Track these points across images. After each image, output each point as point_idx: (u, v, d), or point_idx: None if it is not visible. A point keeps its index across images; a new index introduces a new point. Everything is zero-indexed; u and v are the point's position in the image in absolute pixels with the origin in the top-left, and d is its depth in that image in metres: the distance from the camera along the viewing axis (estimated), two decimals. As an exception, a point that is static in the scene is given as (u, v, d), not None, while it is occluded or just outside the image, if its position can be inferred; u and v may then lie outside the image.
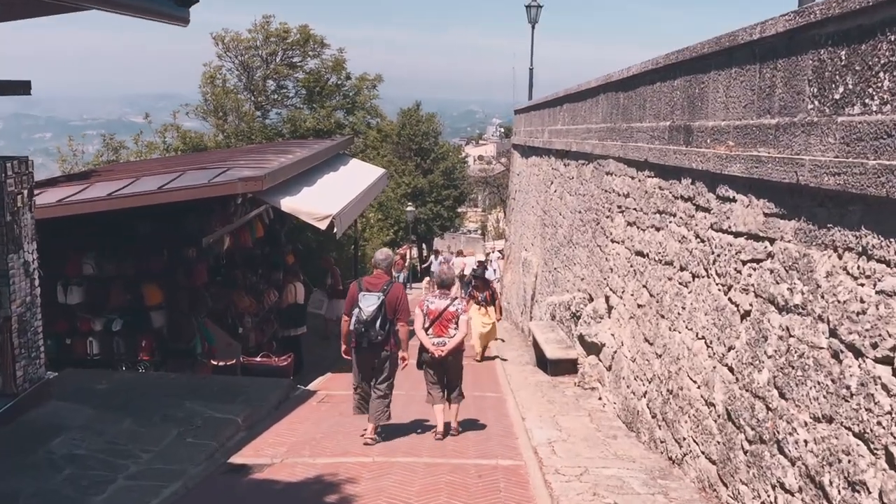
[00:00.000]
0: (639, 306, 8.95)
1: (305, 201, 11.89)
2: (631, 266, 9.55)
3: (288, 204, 11.39)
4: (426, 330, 8.43)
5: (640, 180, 9.61)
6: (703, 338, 6.85)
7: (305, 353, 14.73)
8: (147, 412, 8.30)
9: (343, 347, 8.35)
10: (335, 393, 10.94)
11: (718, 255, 6.71)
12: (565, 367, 12.61)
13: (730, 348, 6.24)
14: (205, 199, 12.21)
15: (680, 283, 7.66)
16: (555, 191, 16.66)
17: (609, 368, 9.82)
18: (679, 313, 7.53)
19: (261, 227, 15.34)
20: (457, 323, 8.44)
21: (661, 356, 7.88)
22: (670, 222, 8.18)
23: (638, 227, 9.43)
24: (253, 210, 14.47)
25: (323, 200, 12.33)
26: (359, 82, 22.64)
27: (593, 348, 10.98)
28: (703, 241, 7.17)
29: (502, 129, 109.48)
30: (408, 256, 38.09)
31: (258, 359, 11.08)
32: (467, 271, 34.19)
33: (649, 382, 8.15)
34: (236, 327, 13.45)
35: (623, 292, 9.77)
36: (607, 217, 11.19)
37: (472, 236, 75.46)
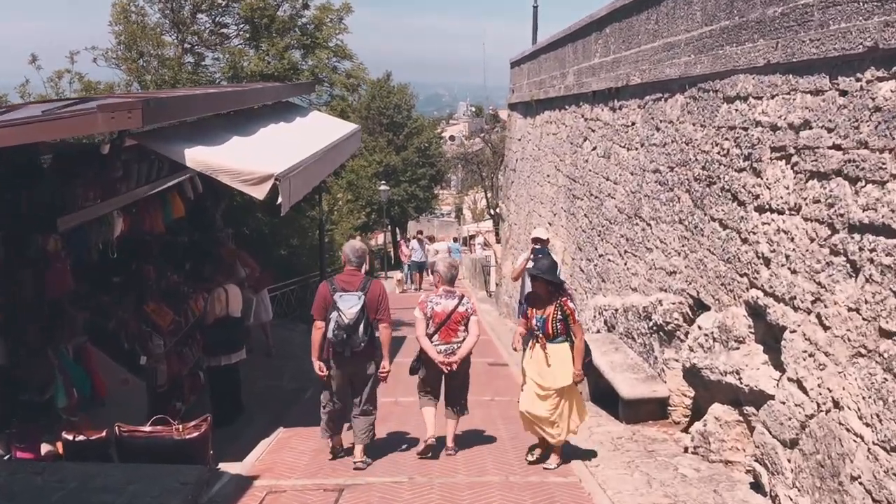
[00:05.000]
0: (886, 335, 4.44)
1: (232, 155, 7.20)
2: (837, 254, 5.03)
3: (198, 157, 6.69)
4: (430, 336, 7.00)
5: (846, 93, 5.08)
6: None
7: (246, 384, 10.02)
8: None
9: (316, 363, 6.82)
10: (285, 483, 6.31)
11: None
12: (648, 410, 8.16)
13: None
14: (66, 157, 7.49)
15: None
16: (593, 149, 12.12)
17: (792, 445, 5.30)
18: None
19: (180, 204, 10.59)
20: (466, 326, 7.05)
21: None
22: None
23: (853, 179, 4.92)
24: (164, 178, 9.73)
25: (262, 156, 7.67)
26: (320, 13, 17.49)
27: (724, 391, 6.47)
28: None
29: (473, 108, 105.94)
30: (374, 243, 32.99)
31: (146, 428, 6.33)
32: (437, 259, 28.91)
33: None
34: (136, 354, 8.74)
35: (815, 302, 5.25)
36: (741, 170, 6.67)
37: (445, 220, 70.88)
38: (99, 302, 8.99)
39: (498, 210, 36.63)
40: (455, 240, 37.46)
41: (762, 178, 6.24)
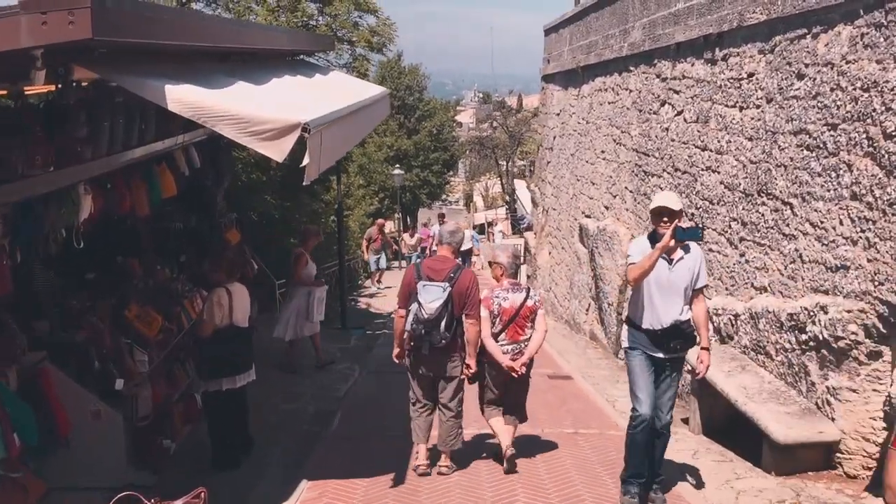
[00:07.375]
0: None
1: (237, 100, 5.01)
2: None
3: (187, 97, 4.46)
4: (495, 336, 6.14)
5: None
6: None
7: (255, 408, 7.77)
8: None
9: (396, 350, 6.30)
10: None
11: None
12: (808, 458, 5.99)
13: None
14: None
15: None
16: (677, 114, 9.89)
17: None
18: None
19: (171, 180, 8.36)
20: (533, 321, 6.24)
21: None
22: None
23: None
24: (149, 143, 7.49)
25: (284, 105, 5.48)
26: (338, -43, 15.16)
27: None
28: None
29: (481, 94, 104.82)
30: (389, 228, 30.70)
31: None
32: (467, 245, 26.15)
33: None
34: (109, 375, 6.55)
35: None
36: None
37: (453, 207, 68.76)
38: (62, 307, 6.84)
39: (522, 195, 34.32)
40: (474, 227, 35.25)
41: None
